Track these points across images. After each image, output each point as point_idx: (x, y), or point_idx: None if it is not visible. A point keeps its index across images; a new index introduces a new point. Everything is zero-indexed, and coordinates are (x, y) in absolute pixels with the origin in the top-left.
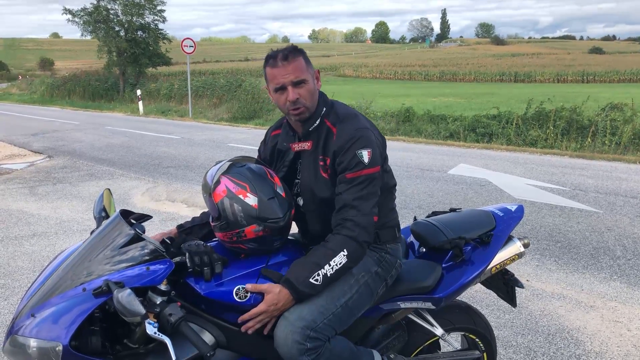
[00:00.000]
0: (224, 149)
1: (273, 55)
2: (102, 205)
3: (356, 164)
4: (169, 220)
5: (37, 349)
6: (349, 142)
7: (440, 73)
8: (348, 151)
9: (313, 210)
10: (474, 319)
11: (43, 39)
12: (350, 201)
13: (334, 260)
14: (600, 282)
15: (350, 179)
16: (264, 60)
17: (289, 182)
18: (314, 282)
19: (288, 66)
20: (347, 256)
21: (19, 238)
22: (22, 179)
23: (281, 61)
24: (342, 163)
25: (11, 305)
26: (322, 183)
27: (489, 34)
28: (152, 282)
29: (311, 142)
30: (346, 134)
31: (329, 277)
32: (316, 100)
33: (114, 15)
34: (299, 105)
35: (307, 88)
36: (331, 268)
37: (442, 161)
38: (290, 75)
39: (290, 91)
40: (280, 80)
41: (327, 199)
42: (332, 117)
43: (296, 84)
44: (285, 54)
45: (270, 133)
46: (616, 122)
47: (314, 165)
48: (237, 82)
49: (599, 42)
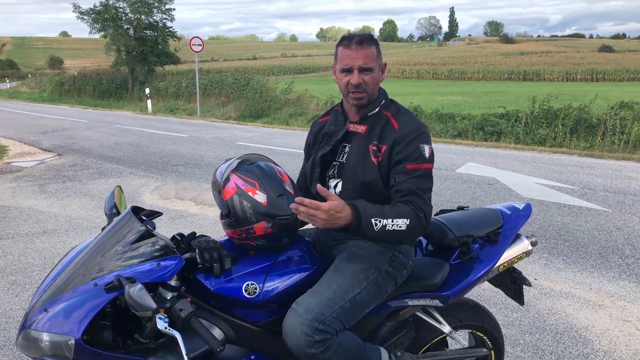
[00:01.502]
0: (232, 148)
1: (349, 37)
2: (113, 202)
3: (418, 156)
4: (178, 218)
5: (50, 343)
6: (412, 134)
7: (449, 71)
8: (410, 143)
9: (350, 190)
10: (481, 316)
11: (52, 37)
12: (415, 189)
13: (397, 221)
14: (608, 281)
15: (410, 170)
16: (338, 41)
17: (326, 164)
18: (374, 222)
19: (360, 51)
20: (408, 226)
21: (30, 235)
22: (33, 176)
23: (355, 44)
24: (401, 153)
25: (22, 301)
26: (369, 167)
27: (497, 32)
28: (162, 278)
29: (366, 126)
30: (410, 126)
31: (386, 230)
32: (377, 90)
33: (122, 14)
34: (361, 89)
35: (372, 76)
36: (392, 224)
37: (450, 160)
38: (360, 60)
39: (355, 75)
40: (349, 62)
41: (368, 183)
42: (392, 109)
43: (362, 70)
44: (361, 40)
45: (318, 120)
46: (626, 120)
47: (364, 149)
48: (245, 80)
49: (609, 40)
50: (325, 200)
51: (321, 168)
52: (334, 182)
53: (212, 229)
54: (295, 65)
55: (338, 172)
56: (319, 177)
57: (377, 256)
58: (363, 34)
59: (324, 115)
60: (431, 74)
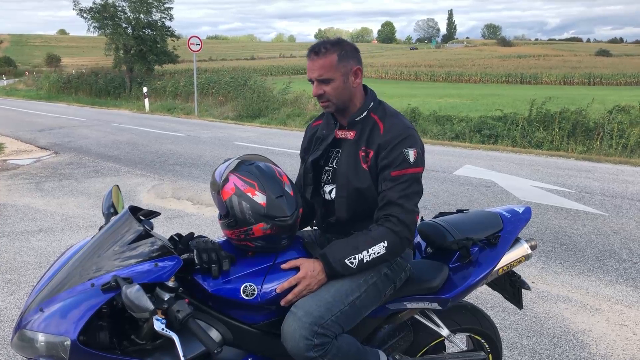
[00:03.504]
0: (229, 147)
1: (313, 46)
2: (111, 201)
3: (401, 161)
4: (175, 217)
5: (45, 344)
6: (396, 139)
7: (446, 74)
8: (394, 148)
9: (343, 198)
10: (479, 320)
11: (50, 35)
12: (395, 199)
13: (373, 248)
14: (606, 285)
15: (395, 177)
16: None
17: (319, 169)
18: (348, 264)
19: (316, 62)
20: (386, 248)
21: (25, 233)
22: (29, 174)
23: (313, 55)
24: (386, 159)
25: (17, 300)
26: (360, 173)
27: (495, 35)
28: (160, 279)
29: (355, 132)
30: (394, 130)
31: (364, 263)
32: (346, 97)
33: (121, 12)
34: (324, 99)
35: (333, 86)
36: (368, 255)
37: (447, 162)
38: (315, 72)
39: (314, 86)
40: (309, 74)
41: (361, 190)
42: (379, 112)
43: (321, 81)
44: (317, 49)
45: (311, 124)
46: (623, 124)
47: (354, 155)
48: (243, 79)
49: (606, 44)
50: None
51: (314, 173)
52: (328, 188)
53: (209, 228)
54: (293, 65)
55: (332, 177)
56: (312, 182)
57: None
58: (326, 40)
59: (317, 119)
60: (429, 76)
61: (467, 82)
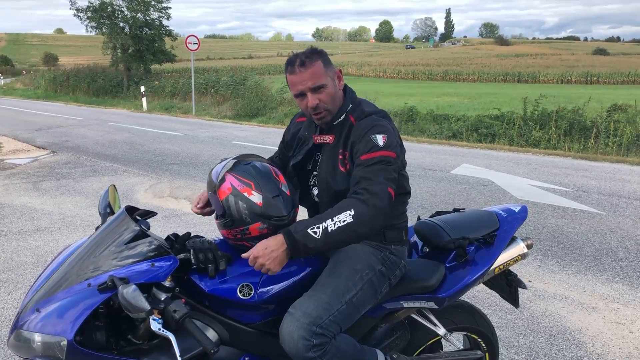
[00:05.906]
0: (227, 147)
1: (291, 61)
2: (107, 201)
3: (371, 147)
4: (172, 217)
5: (42, 344)
6: (365, 129)
7: (444, 73)
8: (364, 137)
9: (327, 203)
10: (476, 319)
11: (47, 34)
12: (362, 175)
13: (338, 216)
14: (602, 284)
15: (364, 160)
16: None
17: (306, 173)
18: (311, 233)
19: (305, 72)
20: (353, 216)
21: (23, 233)
22: (26, 174)
23: (299, 67)
24: (358, 149)
25: (14, 299)
26: (339, 177)
27: (493, 34)
28: (156, 279)
29: (333, 136)
30: (365, 123)
31: (329, 232)
32: (338, 102)
33: (119, 12)
34: (320, 110)
35: (327, 92)
36: (333, 223)
37: (444, 161)
38: (308, 82)
39: (309, 98)
40: (299, 87)
41: (342, 192)
42: (357, 112)
43: (315, 90)
44: (302, 60)
45: (296, 119)
46: (619, 123)
47: (333, 159)
48: (241, 79)
49: (603, 43)
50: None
51: (299, 177)
52: (316, 191)
53: (206, 228)
54: None
55: (317, 182)
56: (298, 185)
57: (370, 256)
58: (304, 52)
59: (302, 115)
60: (427, 75)
61: (464, 81)
